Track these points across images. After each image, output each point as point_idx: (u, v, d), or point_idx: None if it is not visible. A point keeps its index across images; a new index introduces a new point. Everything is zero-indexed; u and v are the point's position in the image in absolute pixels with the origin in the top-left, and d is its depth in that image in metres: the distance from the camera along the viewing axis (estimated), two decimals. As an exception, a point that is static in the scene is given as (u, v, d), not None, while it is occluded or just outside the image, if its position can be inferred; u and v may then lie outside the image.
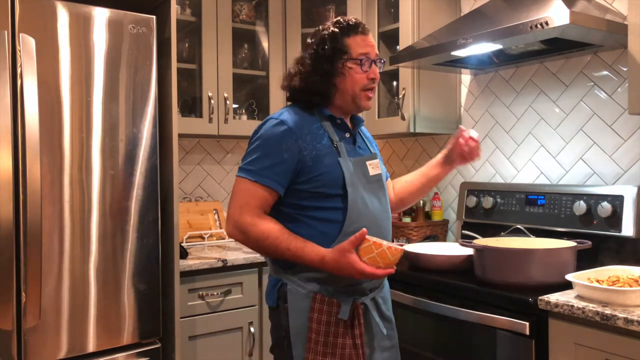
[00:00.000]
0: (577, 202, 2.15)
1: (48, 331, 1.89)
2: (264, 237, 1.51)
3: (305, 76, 1.61)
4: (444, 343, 1.99)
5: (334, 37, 1.60)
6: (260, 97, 3.05)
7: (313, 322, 1.53)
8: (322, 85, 1.60)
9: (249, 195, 1.53)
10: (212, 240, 2.95)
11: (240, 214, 1.53)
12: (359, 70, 1.61)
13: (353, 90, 1.62)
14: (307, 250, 1.49)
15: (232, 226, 1.54)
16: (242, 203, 1.53)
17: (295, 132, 1.55)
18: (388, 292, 1.75)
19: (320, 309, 1.54)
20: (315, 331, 1.53)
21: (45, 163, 1.88)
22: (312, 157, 1.55)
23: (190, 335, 2.34)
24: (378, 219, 1.62)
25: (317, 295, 1.55)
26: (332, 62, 1.60)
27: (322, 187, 1.55)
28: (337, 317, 1.54)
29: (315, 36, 1.64)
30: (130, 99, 2.07)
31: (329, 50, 1.59)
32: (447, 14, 2.72)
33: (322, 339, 1.53)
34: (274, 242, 1.51)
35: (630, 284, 1.61)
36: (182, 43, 2.79)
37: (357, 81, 1.61)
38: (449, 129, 2.80)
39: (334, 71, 1.60)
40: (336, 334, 1.54)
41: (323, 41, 1.60)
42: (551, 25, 1.82)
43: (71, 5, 1.94)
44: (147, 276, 2.10)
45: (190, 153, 3.06)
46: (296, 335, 1.55)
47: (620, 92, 2.18)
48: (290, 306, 1.56)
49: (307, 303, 1.55)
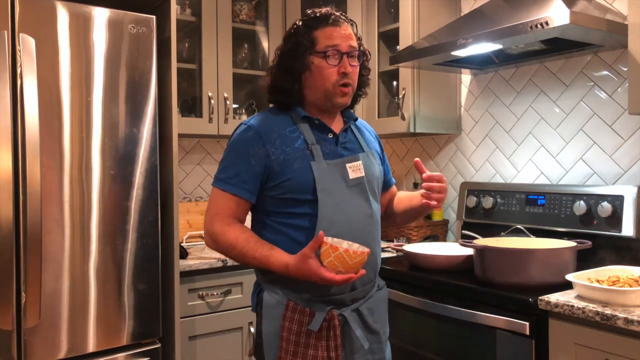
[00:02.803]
0: (577, 202, 2.15)
1: (48, 331, 1.89)
2: (232, 246, 1.50)
3: (275, 73, 1.57)
4: (444, 343, 1.99)
5: (297, 31, 1.53)
6: (260, 97, 3.04)
7: (284, 330, 1.49)
8: (287, 82, 1.54)
9: (219, 204, 1.53)
10: (212, 240, 2.95)
11: (211, 223, 1.52)
12: (325, 65, 1.50)
13: (324, 87, 1.52)
14: (271, 259, 1.46)
15: (207, 235, 1.54)
16: (213, 212, 1.53)
17: (262, 137, 1.51)
18: (379, 302, 1.65)
19: (292, 317, 1.49)
20: (286, 340, 1.48)
21: (45, 163, 1.88)
22: (280, 162, 1.49)
23: (190, 335, 2.33)
24: (357, 225, 1.52)
25: (290, 303, 1.50)
26: (295, 57, 1.52)
27: (289, 193, 1.50)
28: (308, 328, 1.48)
29: (288, 31, 1.58)
30: (130, 99, 2.07)
31: (292, 44, 1.53)
32: (447, 14, 2.72)
33: (292, 348, 1.48)
34: (241, 250, 1.49)
35: (630, 284, 1.61)
36: (182, 43, 2.79)
37: (326, 77, 1.51)
38: (449, 129, 2.80)
39: (300, 67, 1.52)
40: (307, 344, 1.47)
41: (289, 35, 1.55)
42: (551, 25, 1.82)
43: (71, 5, 1.94)
44: (147, 276, 2.10)
45: (190, 153, 3.06)
46: (269, 342, 1.51)
47: (620, 92, 2.18)
48: (265, 313, 1.53)
49: (281, 310, 1.50)
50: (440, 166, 2.94)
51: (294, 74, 1.53)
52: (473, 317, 1.86)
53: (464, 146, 2.82)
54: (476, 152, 2.76)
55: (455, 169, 2.87)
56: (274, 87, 1.58)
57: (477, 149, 2.76)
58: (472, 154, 2.78)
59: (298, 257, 1.40)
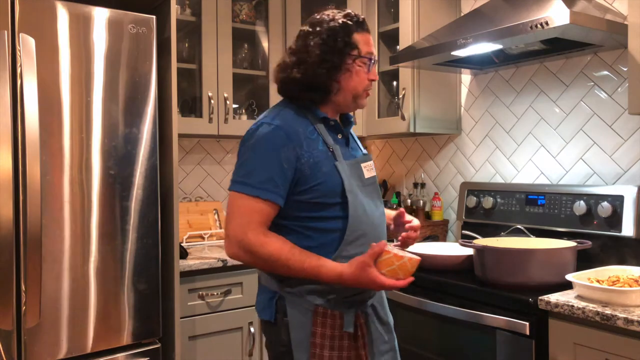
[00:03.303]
0: (577, 202, 2.15)
1: (48, 331, 1.89)
2: (274, 258, 1.40)
3: (310, 68, 1.47)
4: (444, 343, 1.99)
5: (347, 30, 1.49)
6: (260, 97, 3.04)
7: (317, 336, 1.46)
8: (326, 80, 1.49)
9: (251, 211, 1.42)
10: (212, 240, 2.95)
11: (244, 234, 1.41)
12: (364, 70, 1.52)
13: (356, 90, 1.53)
14: (323, 269, 1.40)
15: (236, 247, 1.42)
16: (244, 221, 1.42)
17: (292, 139, 1.44)
18: (382, 294, 1.68)
19: (323, 322, 1.46)
20: (320, 346, 1.45)
21: (45, 163, 1.88)
22: (310, 165, 1.45)
23: (190, 335, 2.33)
24: (376, 224, 1.55)
25: (319, 309, 1.47)
26: (342, 57, 1.49)
27: (321, 197, 1.46)
28: (342, 331, 1.47)
29: (321, 25, 1.50)
30: (130, 99, 2.07)
31: (340, 42, 1.48)
32: (447, 14, 2.72)
33: (327, 353, 1.45)
34: (286, 262, 1.40)
35: (630, 284, 1.61)
36: (182, 43, 2.79)
37: (359, 81, 1.52)
38: (449, 129, 2.80)
39: (341, 66, 1.49)
40: (341, 347, 1.47)
41: (334, 32, 1.48)
42: (551, 25, 1.82)
43: (71, 5, 1.94)
44: (147, 276, 2.10)
45: (190, 153, 3.06)
46: (299, 350, 1.47)
47: (620, 92, 2.18)
48: (291, 320, 1.48)
49: (309, 317, 1.47)
50: (440, 166, 2.94)
51: (331, 73, 1.49)
52: (473, 317, 1.86)
53: (464, 146, 2.82)
54: (476, 152, 2.76)
55: (455, 169, 2.87)
56: (305, 83, 1.49)
57: (477, 149, 2.76)
58: (472, 154, 2.78)
59: (356, 266, 1.37)
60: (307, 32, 1.52)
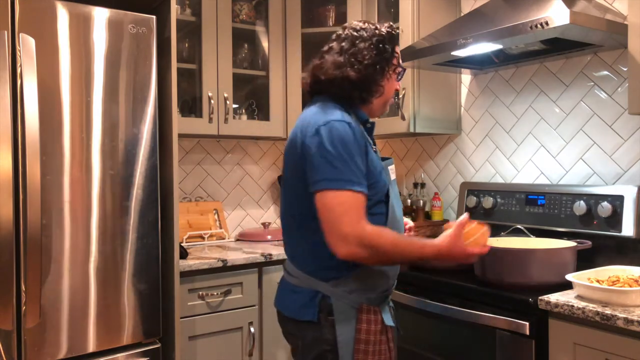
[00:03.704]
0: (577, 202, 2.15)
1: (48, 331, 1.89)
2: (394, 244, 1.44)
3: (364, 69, 1.53)
4: (444, 343, 1.99)
5: (391, 40, 1.60)
6: (260, 97, 3.04)
7: (362, 332, 1.51)
8: (376, 82, 1.57)
9: (356, 206, 1.42)
10: (212, 240, 2.95)
11: (362, 229, 1.40)
12: (396, 79, 1.65)
13: (387, 96, 1.64)
14: (426, 248, 1.49)
15: (356, 245, 1.39)
16: (354, 217, 1.40)
17: (362, 136, 1.51)
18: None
19: (367, 319, 1.52)
20: (365, 341, 1.51)
21: (45, 163, 1.88)
22: (372, 162, 1.51)
23: (190, 335, 2.34)
24: (400, 222, 1.64)
25: (363, 306, 1.53)
26: (388, 63, 1.59)
27: (375, 195, 1.51)
28: (384, 325, 1.54)
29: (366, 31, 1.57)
30: (130, 99, 2.07)
31: (388, 49, 1.58)
32: (447, 14, 2.72)
33: (371, 348, 1.51)
34: (404, 248, 1.46)
35: (630, 284, 1.61)
36: (182, 43, 2.79)
37: (393, 88, 1.65)
38: (449, 129, 2.80)
39: (386, 72, 1.59)
40: (382, 341, 1.53)
41: (382, 39, 1.57)
42: (551, 25, 1.82)
43: (71, 5, 1.94)
44: (147, 276, 2.10)
45: (190, 153, 3.06)
46: (344, 348, 1.50)
47: (620, 92, 2.18)
48: (338, 319, 1.51)
49: (354, 314, 1.52)
50: (440, 166, 2.94)
51: (380, 76, 1.58)
52: (473, 317, 1.86)
53: (464, 146, 2.82)
54: (476, 152, 2.76)
55: (455, 169, 2.87)
56: (358, 82, 1.53)
57: (477, 149, 2.76)
58: (472, 154, 2.78)
59: (449, 240, 1.48)
60: (354, 36, 1.57)
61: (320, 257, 1.51)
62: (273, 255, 2.54)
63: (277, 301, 1.67)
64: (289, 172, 1.56)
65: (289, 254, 1.65)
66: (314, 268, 1.54)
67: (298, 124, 1.55)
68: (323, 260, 1.50)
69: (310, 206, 1.46)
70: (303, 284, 1.56)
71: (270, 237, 2.99)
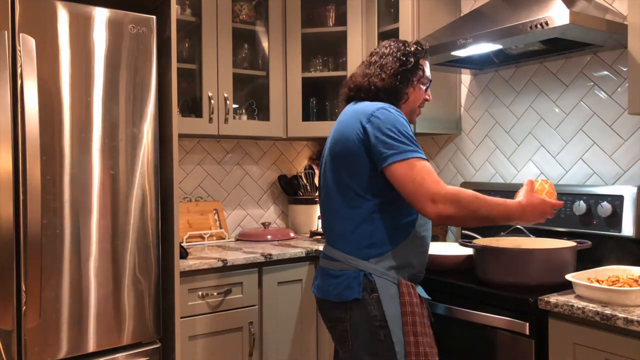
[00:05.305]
0: (577, 202, 2.15)
1: (48, 331, 1.89)
2: (474, 196, 1.58)
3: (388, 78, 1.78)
4: (444, 343, 1.99)
5: (417, 55, 1.82)
6: (260, 97, 3.05)
7: (406, 305, 1.66)
8: (399, 88, 1.79)
9: (432, 170, 1.62)
10: (212, 240, 2.96)
11: (444, 187, 1.58)
12: (423, 89, 1.86)
13: (415, 103, 1.85)
14: (508, 202, 1.61)
15: (441, 201, 1.56)
16: (435, 179, 1.59)
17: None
18: None
19: (408, 293, 1.68)
20: (411, 314, 1.66)
21: (45, 163, 1.88)
22: None
23: (190, 335, 2.34)
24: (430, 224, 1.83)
25: (402, 281, 1.69)
26: (412, 73, 1.81)
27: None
28: (421, 298, 1.71)
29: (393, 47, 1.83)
30: (130, 99, 2.07)
31: (413, 62, 1.80)
32: (447, 14, 2.72)
33: (418, 319, 1.66)
34: (485, 199, 1.58)
35: (630, 284, 1.62)
36: (182, 43, 2.79)
37: (419, 97, 1.86)
38: (449, 129, 2.80)
39: (411, 81, 1.81)
40: (422, 314, 1.69)
41: (407, 53, 1.81)
42: (551, 25, 1.82)
43: (71, 5, 1.94)
44: (147, 276, 2.10)
45: (190, 153, 3.06)
46: (393, 321, 1.64)
47: (620, 92, 2.18)
48: (382, 295, 1.65)
49: (395, 290, 1.67)
50: (440, 166, 2.94)
51: (404, 84, 1.80)
52: (473, 317, 1.87)
53: (464, 146, 2.82)
54: (476, 152, 2.76)
55: (455, 169, 2.87)
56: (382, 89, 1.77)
57: (477, 149, 2.76)
58: (472, 154, 2.78)
59: (525, 195, 1.65)
60: (382, 52, 1.84)
61: (361, 236, 1.69)
62: (273, 255, 2.54)
63: (318, 290, 1.80)
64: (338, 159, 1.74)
65: (330, 239, 1.80)
66: (355, 247, 1.70)
67: (344, 118, 1.77)
68: (363, 238, 1.69)
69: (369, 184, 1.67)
70: (345, 266, 1.71)
71: (270, 237, 2.99)
